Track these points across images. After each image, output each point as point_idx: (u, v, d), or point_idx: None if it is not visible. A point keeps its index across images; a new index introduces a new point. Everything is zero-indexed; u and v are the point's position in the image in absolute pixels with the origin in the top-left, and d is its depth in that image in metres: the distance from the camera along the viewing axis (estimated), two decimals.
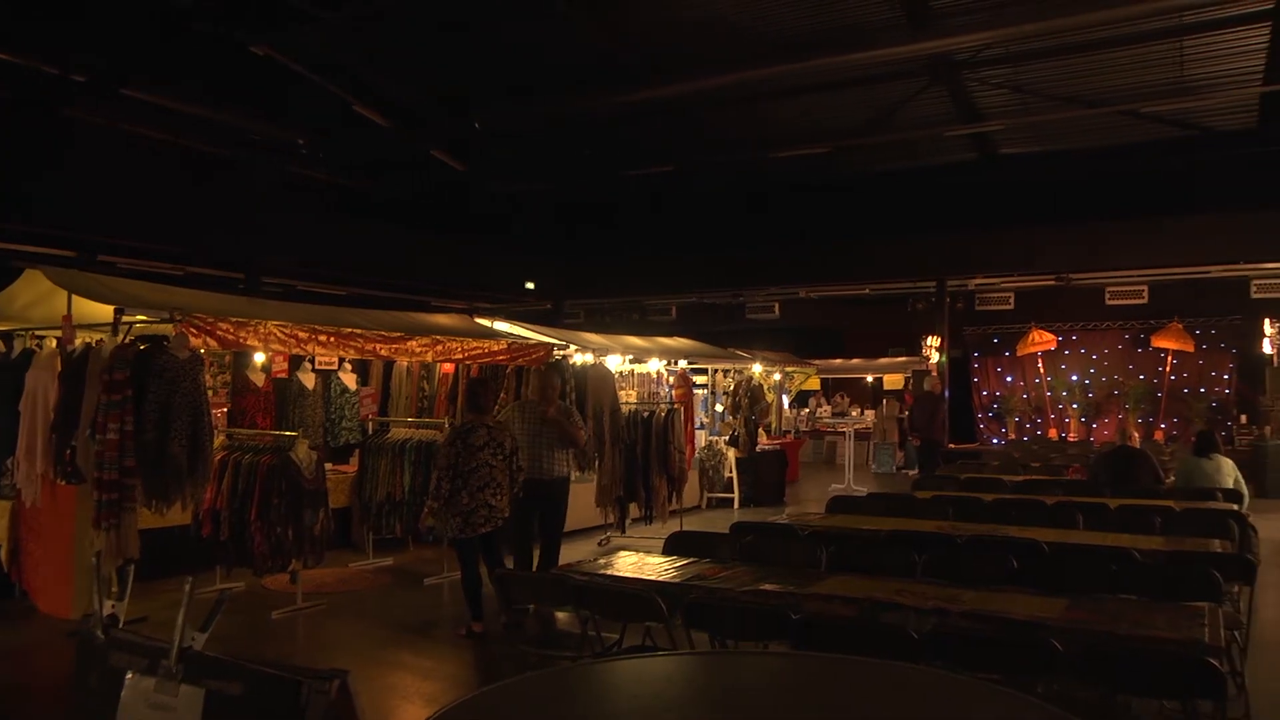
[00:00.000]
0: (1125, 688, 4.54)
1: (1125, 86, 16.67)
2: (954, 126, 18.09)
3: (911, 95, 16.92)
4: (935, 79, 16.51)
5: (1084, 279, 20.55)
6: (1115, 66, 16.09)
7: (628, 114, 17.15)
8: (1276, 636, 8.26)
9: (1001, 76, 16.61)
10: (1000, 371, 24.42)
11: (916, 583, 5.57)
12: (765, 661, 4.05)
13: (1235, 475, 10.17)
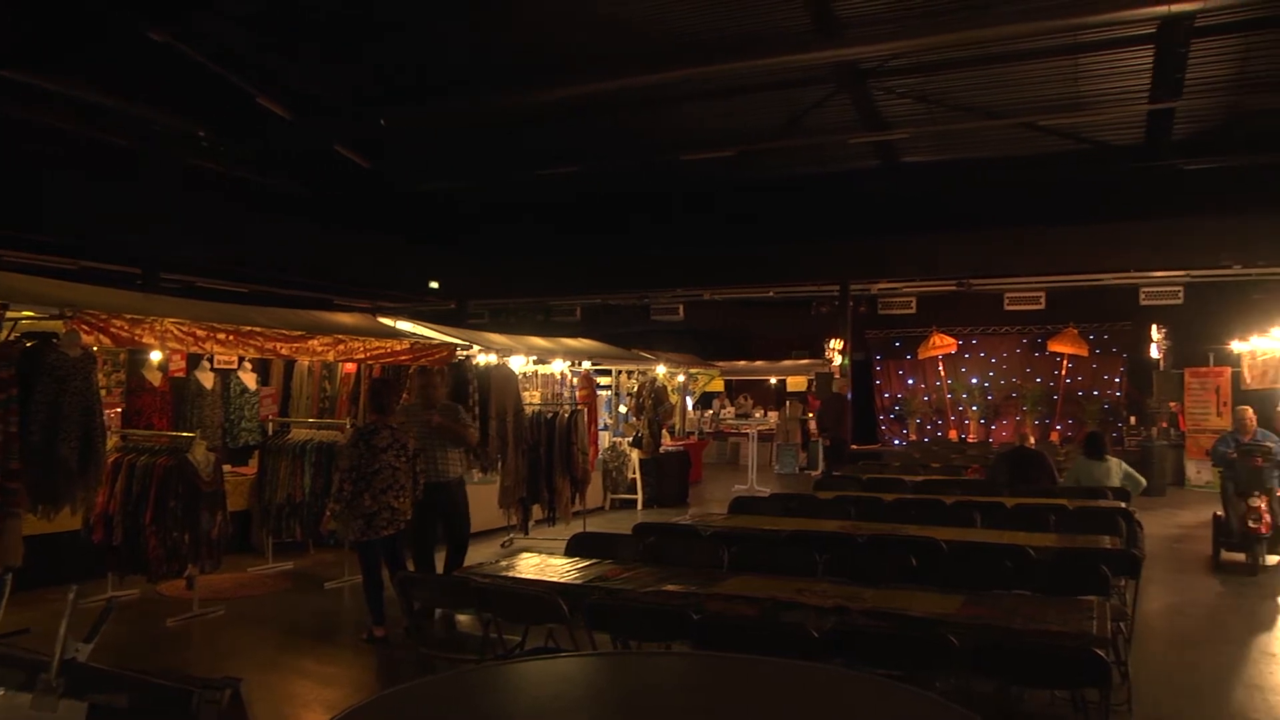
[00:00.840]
0: (1019, 679, 4.66)
1: (1024, 100, 17.15)
2: (859, 134, 18.36)
3: (818, 102, 17.14)
4: (842, 86, 16.75)
5: (984, 285, 21.07)
6: (1015, 81, 16.56)
7: (535, 113, 17.10)
8: (1159, 625, 8.60)
9: (906, 86, 16.93)
10: (902, 374, 24.88)
11: (818, 582, 5.64)
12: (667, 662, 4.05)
13: (1125, 472, 10.60)
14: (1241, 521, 10.61)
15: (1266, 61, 15.43)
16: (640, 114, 18.07)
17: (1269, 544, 10.71)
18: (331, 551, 10.60)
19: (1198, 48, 15.04)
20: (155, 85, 15.06)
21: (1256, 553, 10.60)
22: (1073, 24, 13.92)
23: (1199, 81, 15.97)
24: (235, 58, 15.28)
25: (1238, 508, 10.72)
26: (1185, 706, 6.58)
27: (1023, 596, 5.41)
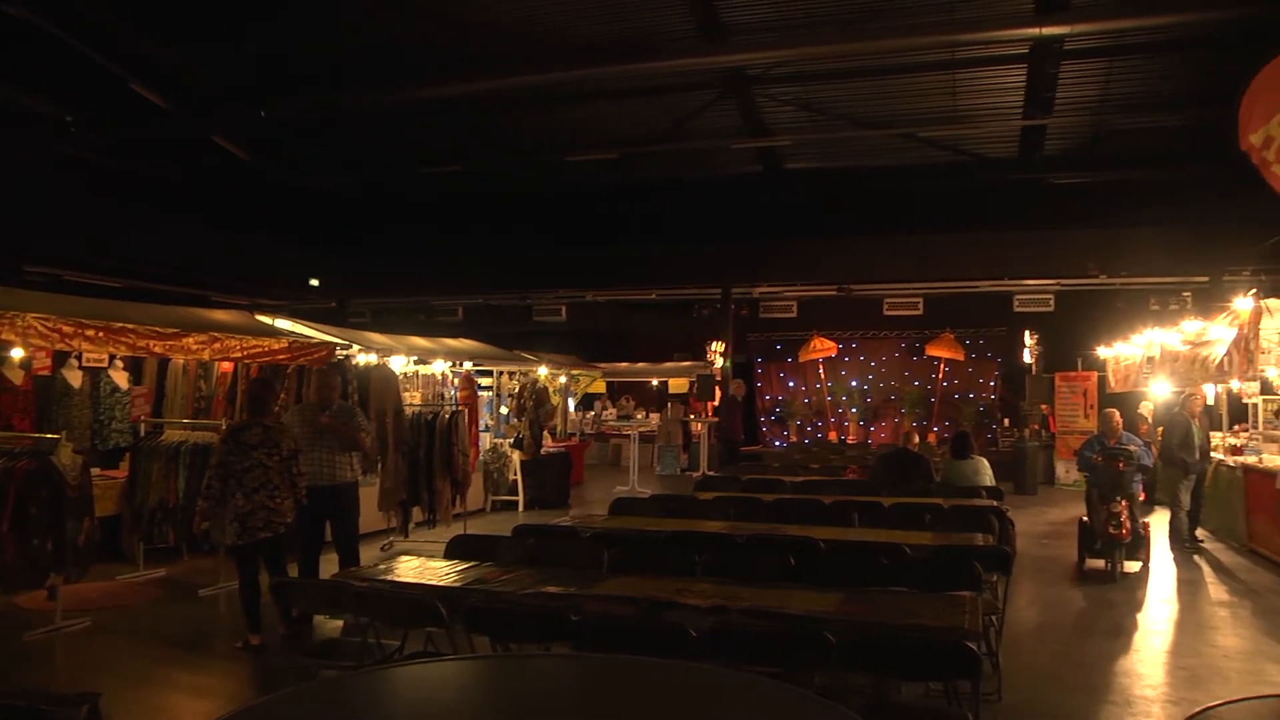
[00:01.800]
0: (894, 673, 4.76)
1: (904, 111, 17.62)
2: (743, 139, 18.60)
3: (703, 107, 17.30)
4: (726, 92, 16.94)
5: (864, 290, 21.51)
6: (895, 93, 17.03)
7: (419, 111, 16.88)
8: (1029, 618, 8.92)
9: (790, 94, 17.20)
10: (783, 376, 25.23)
11: (697, 582, 5.67)
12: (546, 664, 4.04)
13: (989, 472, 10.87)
14: (1103, 527, 10.57)
15: (1127, 85, 16.27)
16: (524, 114, 18.00)
17: (1128, 550, 10.71)
18: (207, 557, 10.20)
19: (1067, 69, 15.75)
20: (16, 65, 14.38)
21: (1115, 559, 10.57)
22: (950, 41, 14.45)
23: (1068, 100, 16.70)
24: (107, 39, 14.65)
25: (1100, 513, 10.69)
26: (1050, 693, 6.83)
27: (899, 593, 5.52)
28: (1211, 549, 12.77)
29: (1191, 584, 10.72)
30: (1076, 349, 20.76)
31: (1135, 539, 10.73)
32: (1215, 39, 14.17)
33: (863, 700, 4.74)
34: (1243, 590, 10.37)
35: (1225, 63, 11.66)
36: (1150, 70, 15.96)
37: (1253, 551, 12.28)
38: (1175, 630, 8.74)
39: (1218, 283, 18.20)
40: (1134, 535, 10.66)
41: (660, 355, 25.12)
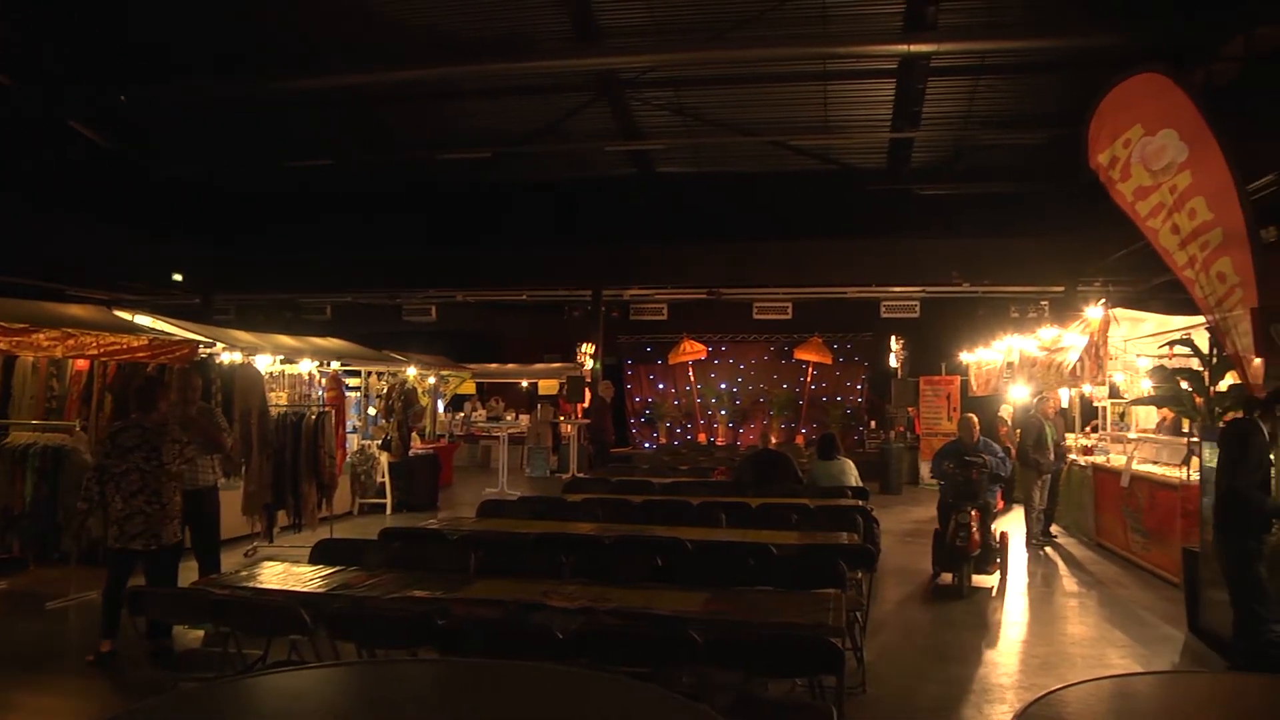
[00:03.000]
0: (760, 670, 4.82)
1: (776, 120, 17.96)
2: (616, 142, 18.67)
3: (577, 108, 17.31)
4: (601, 95, 16.99)
5: (734, 294, 21.77)
6: (768, 101, 17.34)
7: (289, 103, 16.51)
8: (894, 613, 9.16)
9: (664, 99, 17.34)
10: (653, 379, 25.39)
11: (565, 583, 5.65)
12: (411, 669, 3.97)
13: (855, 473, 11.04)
14: (951, 538, 9.92)
15: (990, 103, 16.94)
16: (397, 110, 17.76)
17: (978, 562, 10.12)
18: (56, 568, 9.64)
19: (934, 85, 16.32)
20: None
21: (964, 573, 9.91)
22: (822, 53, 14.80)
23: (934, 115, 17.27)
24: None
25: (949, 523, 10.05)
26: (913, 684, 7.03)
27: (764, 592, 5.59)
28: (1064, 543, 13.39)
29: (1044, 577, 11.19)
30: (940, 354, 21.44)
31: (986, 550, 10.23)
32: (1071, 64, 14.92)
33: (730, 698, 4.78)
34: (1091, 582, 10.91)
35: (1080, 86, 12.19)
36: (1012, 90, 16.68)
37: (1100, 545, 12.94)
38: (1029, 621, 9.08)
39: (1072, 293, 18.95)
40: (985, 547, 10.16)
41: (530, 356, 25.02)
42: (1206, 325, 8.18)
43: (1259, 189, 11.19)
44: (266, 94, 15.66)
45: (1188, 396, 9.52)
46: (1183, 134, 7.58)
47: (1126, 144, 8.02)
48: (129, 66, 15.12)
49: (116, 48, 15.22)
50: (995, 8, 14.18)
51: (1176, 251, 7.95)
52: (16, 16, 14.31)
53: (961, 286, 20.39)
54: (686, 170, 20.40)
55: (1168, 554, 10.41)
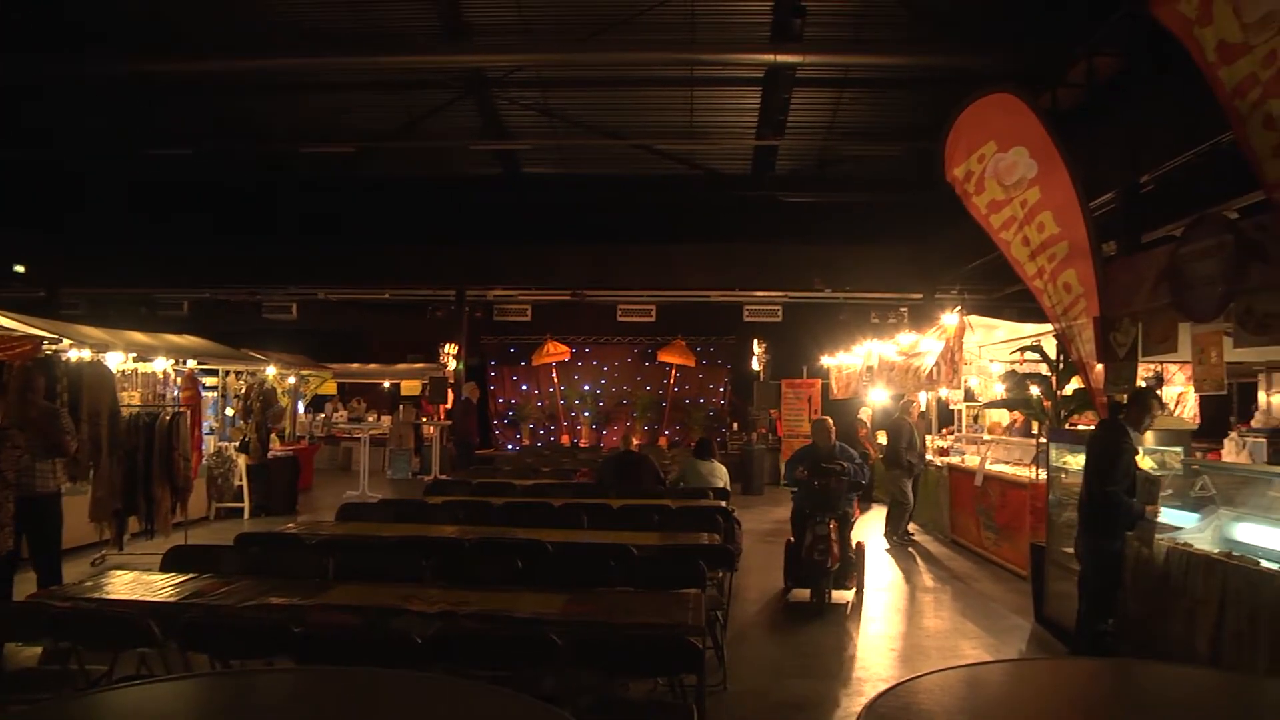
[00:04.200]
0: (621, 671, 4.83)
1: (643, 124, 18.08)
2: (482, 141, 18.53)
3: (443, 105, 17.11)
4: (467, 92, 16.83)
5: (598, 296, 21.81)
6: (635, 105, 17.45)
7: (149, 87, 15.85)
8: (755, 611, 9.29)
9: (531, 99, 17.27)
10: (516, 380, 25.25)
11: (425, 588, 5.56)
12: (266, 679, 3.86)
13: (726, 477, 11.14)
14: (809, 552, 9.14)
15: (853, 115, 17.40)
16: (262, 100, 17.28)
17: (836, 577, 9.42)
18: None
19: (799, 96, 16.66)
20: None
21: (821, 588, 9.20)
22: (690, 60, 14.95)
23: (799, 124, 17.64)
24: None
25: (806, 535, 9.25)
26: (774, 681, 7.16)
27: (625, 592, 5.63)
28: (921, 540, 13.85)
29: (904, 573, 11.54)
30: (802, 358, 21.85)
31: (845, 564, 9.56)
32: (930, 81, 15.45)
33: (591, 699, 4.78)
34: (946, 577, 11.33)
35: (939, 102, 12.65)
36: (874, 103, 17.16)
37: (955, 542, 13.47)
38: (888, 616, 9.33)
39: (930, 300, 19.53)
40: (843, 560, 9.50)
41: (393, 357, 24.65)
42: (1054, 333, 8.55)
43: (1101, 206, 11.79)
44: (125, 77, 14.98)
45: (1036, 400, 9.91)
46: (1033, 152, 7.90)
47: (981, 159, 8.31)
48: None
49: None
50: (859, 24, 14.57)
51: (1027, 262, 8.27)
52: None
53: (823, 292, 20.83)
54: (552, 171, 20.37)
55: (1017, 549, 10.84)
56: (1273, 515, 6.70)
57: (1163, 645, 6.38)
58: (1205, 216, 6.13)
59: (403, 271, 20.85)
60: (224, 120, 18.10)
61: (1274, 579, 5.52)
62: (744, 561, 9.49)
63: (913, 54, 14.25)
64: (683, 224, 19.99)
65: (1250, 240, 5.49)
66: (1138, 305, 6.88)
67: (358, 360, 24.08)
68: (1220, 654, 5.80)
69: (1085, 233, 7.64)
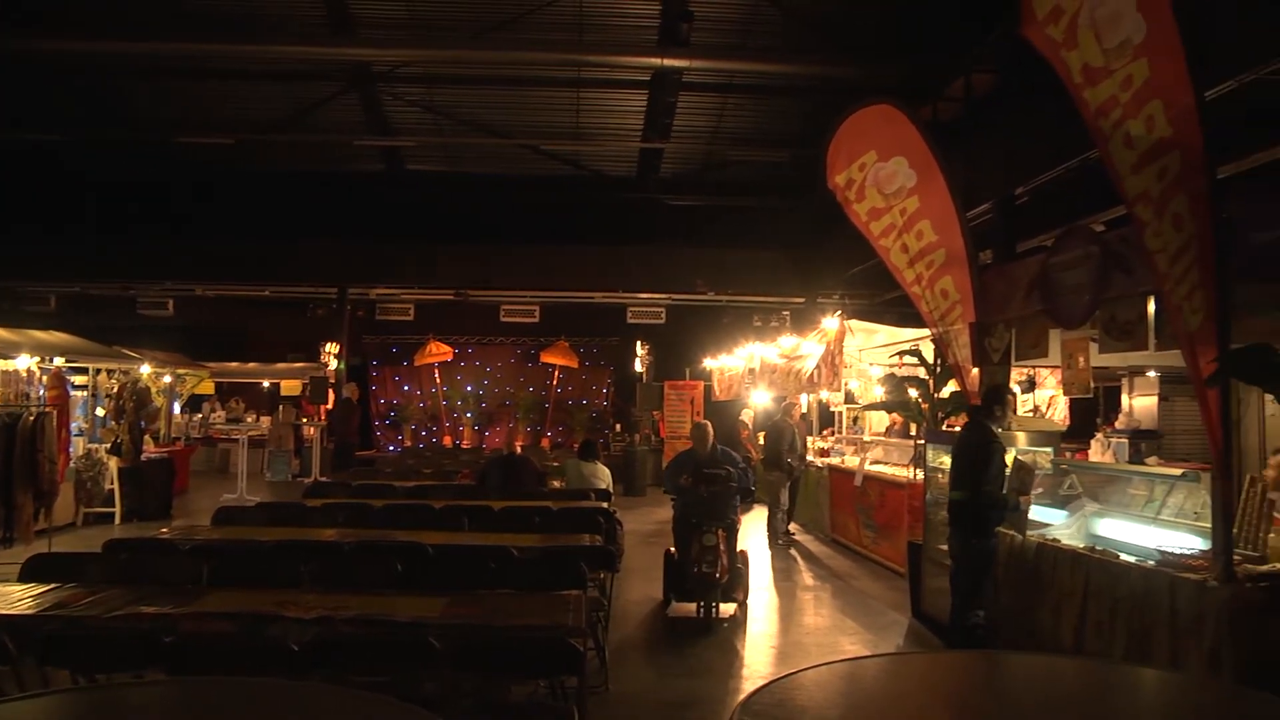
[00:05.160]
0: (501, 673, 4.80)
1: (529, 123, 18.03)
2: (366, 136, 18.24)
3: (327, 99, 16.80)
4: (351, 86, 16.55)
5: (481, 296, 21.63)
6: (521, 104, 17.39)
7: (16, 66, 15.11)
8: (637, 611, 9.33)
9: (416, 95, 17.08)
10: (398, 380, 24.96)
11: (303, 593, 5.44)
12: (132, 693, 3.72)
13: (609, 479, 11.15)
14: (694, 564, 8.58)
15: (738, 120, 17.63)
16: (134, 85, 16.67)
17: (724, 590, 8.84)
18: None
19: (685, 100, 16.80)
20: None
21: (710, 602, 8.69)
22: (577, 60, 14.96)
23: (685, 128, 17.79)
24: None
25: (691, 546, 8.67)
26: (655, 680, 7.25)
27: (505, 594, 5.59)
28: (802, 540, 14.09)
29: (785, 573, 11.72)
30: (685, 360, 22.06)
31: (733, 576, 8.97)
32: (815, 89, 15.74)
33: (471, 702, 4.75)
34: (826, 575, 11.58)
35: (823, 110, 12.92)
36: (759, 110, 17.39)
37: (835, 541, 13.74)
38: (770, 616, 9.49)
39: (811, 304, 19.85)
40: (732, 572, 8.90)
41: (273, 355, 24.11)
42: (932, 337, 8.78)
43: (977, 216, 12.16)
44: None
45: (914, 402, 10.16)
46: (912, 162, 8.11)
47: (862, 168, 8.49)
48: None
49: None
50: (746, 31, 14.75)
51: (905, 269, 8.48)
52: None
53: (707, 295, 21.00)
54: (437, 169, 20.14)
55: (895, 547, 11.11)
56: (1132, 511, 7.05)
57: (1033, 637, 6.62)
58: (1074, 229, 6.38)
59: (284, 268, 20.33)
60: (96, 105, 17.43)
61: (1131, 572, 5.77)
62: (626, 563, 9.52)
63: (797, 63, 14.50)
64: (568, 225, 19.96)
65: (1114, 252, 5.73)
66: (1011, 312, 7.12)
67: (236, 359, 23.47)
68: (1083, 643, 6.05)
69: (962, 241, 7.87)
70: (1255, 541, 5.80)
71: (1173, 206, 5.10)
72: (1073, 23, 5.58)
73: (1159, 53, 5.11)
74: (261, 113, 17.43)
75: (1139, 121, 5.25)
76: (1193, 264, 5.01)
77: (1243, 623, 4.87)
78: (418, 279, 20.85)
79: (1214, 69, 7.84)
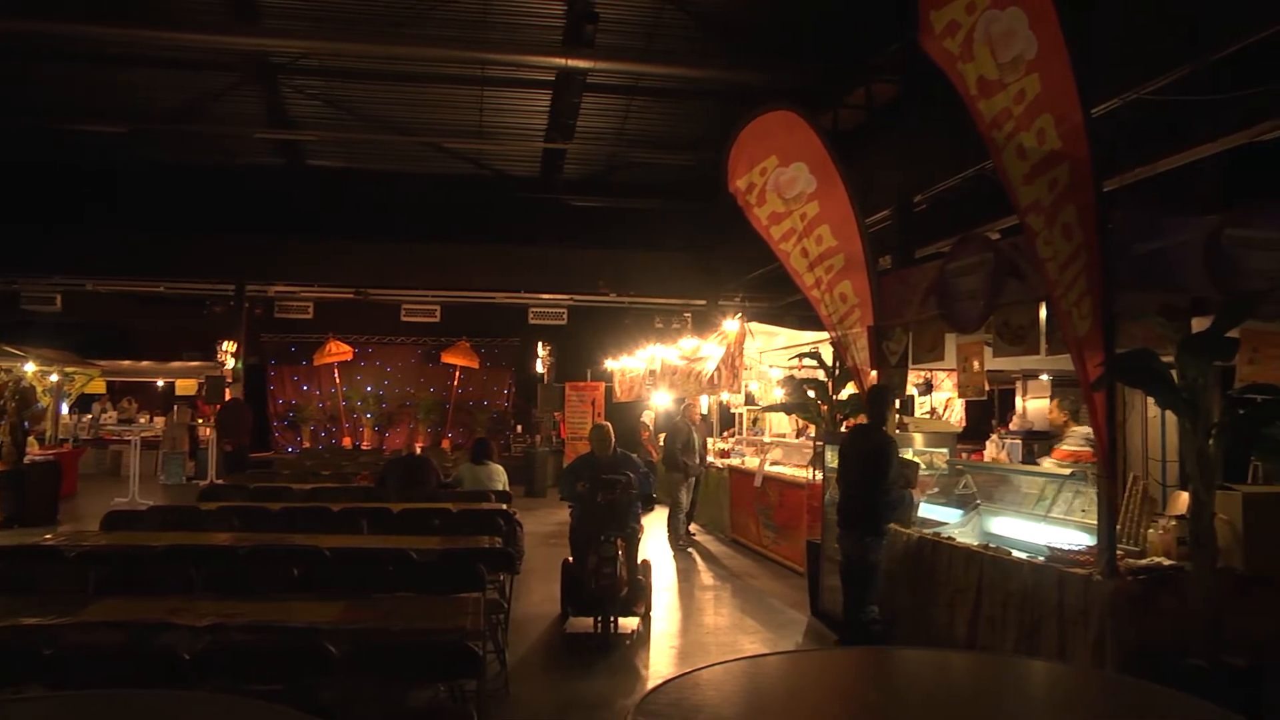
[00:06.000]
0: (399, 678, 4.74)
1: (432, 121, 17.86)
2: (266, 129, 17.87)
3: (226, 89, 16.44)
4: (251, 77, 16.20)
5: (382, 295, 21.40)
6: (424, 101, 17.21)
7: None
8: (539, 613, 9.26)
9: (318, 88, 16.80)
10: (297, 380, 24.55)
11: (195, 600, 5.30)
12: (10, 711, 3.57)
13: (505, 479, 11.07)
14: (592, 576, 8.01)
15: (642, 123, 17.71)
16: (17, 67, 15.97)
17: (624, 604, 8.28)
18: None
19: (589, 101, 16.84)
20: None
21: (609, 617, 8.16)
22: (481, 59, 14.86)
23: (588, 130, 17.81)
24: None
25: (589, 557, 8.09)
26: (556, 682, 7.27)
27: (404, 598, 5.53)
28: (702, 540, 14.21)
29: (685, 573, 11.81)
30: (587, 361, 22.08)
31: (634, 588, 8.42)
32: (718, 94, 15.88)
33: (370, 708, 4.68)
34: (726, 575, 11.69)
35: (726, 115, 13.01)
36: (663, 113, 17.50)
37: (735, 541, 13.89)
38: (670, 616, 9.52)
39: (713, 306, 20.03)
40: (632, 584, 8.34)
41: (168, 354, 23.51)
42: (831, 340, 8.91)
43: (876, 222, 12.43)
44: None
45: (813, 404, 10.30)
46: (812, 168, 8.24)
47: (763, 172, 8.59)
48: None
49: None
50: (651, 34, 14.81)
51: (805, 273, 8.60)
52: None
53: (609, 296, 21.06)
54: (338, 165, 19.83)
55: (794, 546, 11.25)
56: (1024, 510, 7.27)
57: (929, 632, 6.79)
58: (969, 236, 6.54)
59: (179, 263, 19.75)
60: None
61: (1022, 568, 5.95)
62: (527, 564, 9.50)
63: (701, 67, 14.62)
64: (470, 224, 19.85)
65: (1007, 259, 5.89)
66: (909, 316, 7.26)
67: (129, 357, 22.84)
68: (977, 637, 6.23)
69: (861, 247, 8.01)
70: (1137, 537, 6.07)
71: (1062, 217, 5.27)
72: (969, 37, 5.73)
73: (1050, 69, 5.28)
74: (159, 102, 16.91)
75: (1031, 134, 5.42)
76: (1081, 272, 5.18)
77: (1123, 614, 5.07)
78: (318, 276, 20.54)
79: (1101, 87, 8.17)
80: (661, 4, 14.17)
